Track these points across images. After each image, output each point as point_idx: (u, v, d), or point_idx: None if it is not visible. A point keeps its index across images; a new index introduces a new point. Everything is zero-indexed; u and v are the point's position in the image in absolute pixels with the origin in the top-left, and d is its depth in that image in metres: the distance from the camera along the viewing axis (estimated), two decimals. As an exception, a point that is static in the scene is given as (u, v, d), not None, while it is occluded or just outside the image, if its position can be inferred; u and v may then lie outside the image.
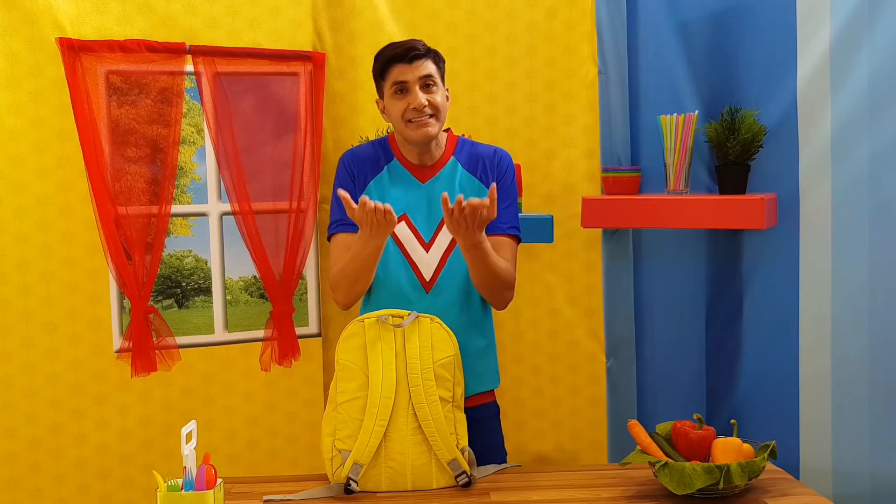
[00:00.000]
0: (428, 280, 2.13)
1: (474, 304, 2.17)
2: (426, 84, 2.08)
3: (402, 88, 2.08)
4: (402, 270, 2.12)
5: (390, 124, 2.33)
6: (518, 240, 2.16)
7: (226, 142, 2.45)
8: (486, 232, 2.05)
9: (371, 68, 2.16)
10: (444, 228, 2.13)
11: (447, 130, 2.23)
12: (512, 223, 2.15)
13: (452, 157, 2.18)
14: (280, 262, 2.51)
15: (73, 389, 2.38)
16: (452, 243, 2.13)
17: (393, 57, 2.08)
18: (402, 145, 2.17)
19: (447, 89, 2.16)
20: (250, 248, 2.49)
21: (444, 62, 2.15)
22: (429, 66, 2.09)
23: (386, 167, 2.17)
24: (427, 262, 2.13)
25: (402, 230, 2.13)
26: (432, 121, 2.09)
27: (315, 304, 2.60)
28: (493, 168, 2.17)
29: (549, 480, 2.06)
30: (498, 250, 2.09)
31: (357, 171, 2.16)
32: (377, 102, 2.18)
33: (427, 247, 2.13)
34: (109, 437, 2.41)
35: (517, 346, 2.69)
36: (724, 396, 2.66)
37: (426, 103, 2.07)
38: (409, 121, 2.08)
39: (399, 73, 2.08)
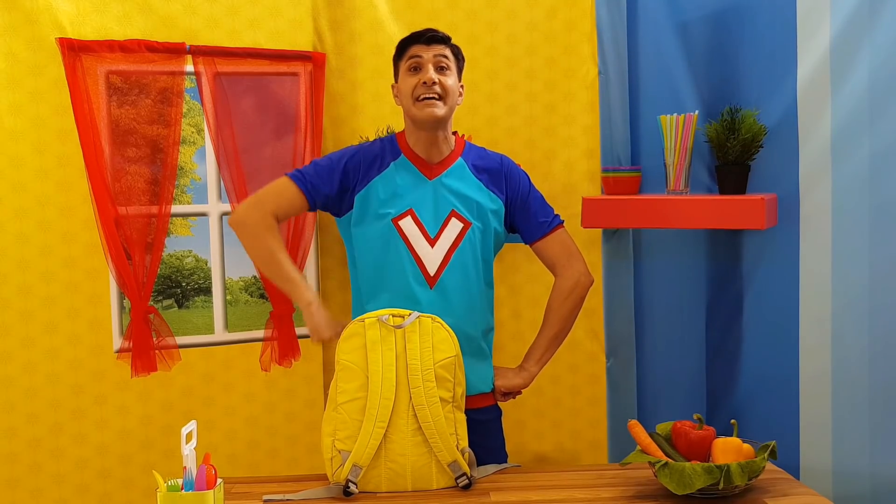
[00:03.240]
0: (432, 275, 2.13)
1: (479, 301, 2.17)
2: (440, 66, 2.12)
3: (417, 65, 2.12)
4: (406, 265, 2.12)
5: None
6: (562, 224, 2.25)
7: (226, 142, 2.45)
8: (533, 236, 2.21)
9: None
10: (450, 224, 2.14)
11: (454, 133, 2.23)
12: (549, 216, 2.24)
13: (461, 158, 2.19)
14: (280, 262, 2.50)
15: (73, 389, 2.37)
16: (458, 239, 2.13)
17: (413, 37, 2.15)
18: (410, 137, 2.18)
19: (462, 85, 2.19)
20: (250, 248, 2.48)
21: (463, 60, 2.20)
22: (445, 51, 2.14)
23: (393, 163, 2.17)
24: (432, 257, 2.13)
25: (407, 225, 2.13)
26: (440, 102, 2.11)
27: (315, 304, 2.60)
28: (502, 180, 2.21)
29: (549, 480, 2.06)
30: (554, 248, 2.21)
31: (359, 170, 2.16)
32: (392, 87, 2.22)
33: (432, 242, 2.13)
34: (109, 437, 2.41)
35: (517, 345, 2.68)
36: (724, 396, 2.66)
37: (437, 80, 2.09)
38: (418, 99, 2.10)
39: (416, 49, 2.13)
